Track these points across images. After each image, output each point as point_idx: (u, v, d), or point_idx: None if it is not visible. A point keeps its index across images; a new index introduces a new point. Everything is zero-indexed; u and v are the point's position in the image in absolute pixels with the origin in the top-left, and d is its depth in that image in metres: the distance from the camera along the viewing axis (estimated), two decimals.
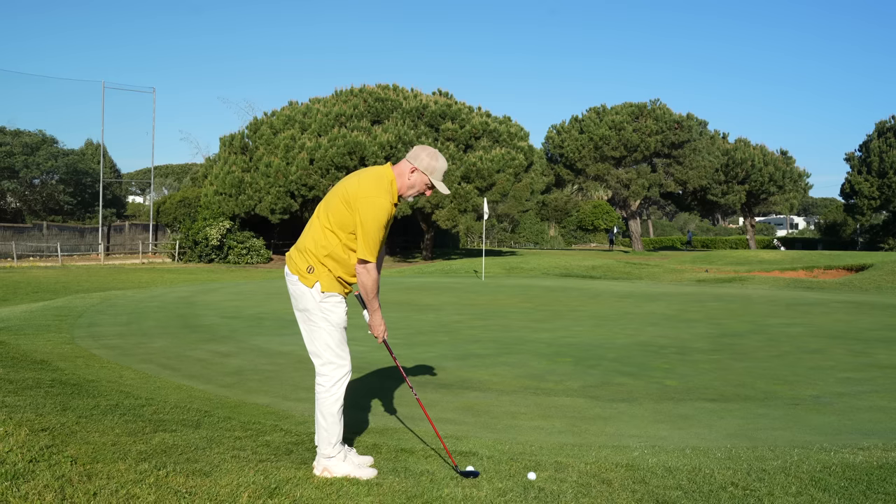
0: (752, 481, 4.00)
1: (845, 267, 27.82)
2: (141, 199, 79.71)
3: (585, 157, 49.75)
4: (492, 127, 36.82)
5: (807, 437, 5.02)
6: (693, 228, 64.15)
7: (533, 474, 4.02)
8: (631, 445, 4.76)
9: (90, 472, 3.73)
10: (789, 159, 56.91)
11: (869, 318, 13.01)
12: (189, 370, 7.36)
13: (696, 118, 50.83)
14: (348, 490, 3.72)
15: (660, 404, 6.10)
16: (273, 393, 6.32)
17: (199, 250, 36.42)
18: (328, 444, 3.99)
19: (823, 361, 8.33)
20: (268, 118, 38.09)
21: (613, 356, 8.56)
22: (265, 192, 35.11)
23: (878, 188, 50.00)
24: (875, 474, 4.11)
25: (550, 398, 6.29)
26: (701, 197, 56.49)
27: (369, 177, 4.00)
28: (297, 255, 4.05)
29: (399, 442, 4.71)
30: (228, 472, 3.87)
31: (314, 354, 4.05)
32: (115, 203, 56.72)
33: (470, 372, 7.46)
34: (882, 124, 51.85)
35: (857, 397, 6.44)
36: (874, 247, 54.46)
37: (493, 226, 65.41)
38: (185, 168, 77.30)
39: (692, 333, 10.70)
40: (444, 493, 3.72)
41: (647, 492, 3.82)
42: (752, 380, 7.21)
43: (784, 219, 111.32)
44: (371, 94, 36.39)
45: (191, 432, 4.71)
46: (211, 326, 10.93)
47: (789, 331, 11.09)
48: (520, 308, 14.36)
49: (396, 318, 11.98)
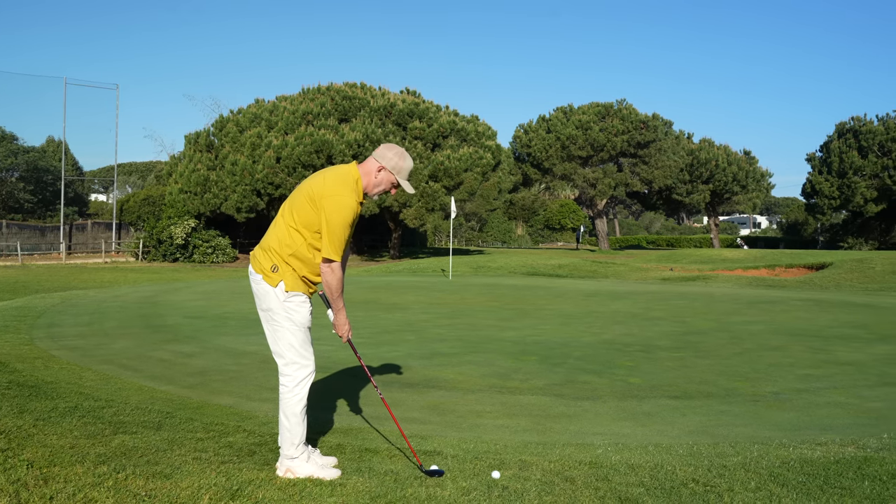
0: (713, 477, 4.05)
1: (806, 265, 28.33)
2: (104, 198, 78.45)
3: (552, 157, 50.04)
4: (459, 126, 36.85)
5: (766, 434, 5.10)
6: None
7: (497, 473, 4.03)
8: (594, 443, 4.79)
9: (47, 475, 3.66)
10: (752, 159, 57.78)
11: (828, 316, 13.25)
12: (151, 371, 7.26)
13: (662, 118, 51.40)
14: (311, 491, 3.70)
15: (624, 402, 6.16)
16: (237, 393, 6.26)
17: (164, 249, 35.96)
18: (291, 445, 3.96)
19: (784, 358, 8.47)
20: (234, 116, 37.71)
21: (579, 354, 8.62)
22: (231, 190, 34.78)
23: (838, 188, 50.93)
24: (832, 469, 4.19)
25: (516, 397, 6.31)
26: (666, 196, 57.15)
27: (335, 175, 3.97)
28: (261, 254, 4.01)
29: (363, 442, 4.69)
30: (189, 475, 3.82)
31: (277, 354, 4.02)
32: (77, 201, 55.76)
33: (436, 371, 7.46)
34: (842, 125, 52.84)
35: (815, 394, 6.55)
36: (834, 245, 55.51)
37: (460, 225, 65.54)
38: (150, 166, 76.23)
39: (656, 331, 10.81)
40: (408, 492, 3.71)
41: (609, 489, 3.85)
42: (715, 377, 7.30)
43: (747, 218, 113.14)
44: (338, 93, 36.22)
45: (152, 434, 4.65)
46: (174, 326, 10.79)
47: (751, 328, 11.26)
48: (486, 307, 14.40)
49: (363, 318, 11.94)
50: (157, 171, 61.15)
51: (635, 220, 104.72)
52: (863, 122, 51.43)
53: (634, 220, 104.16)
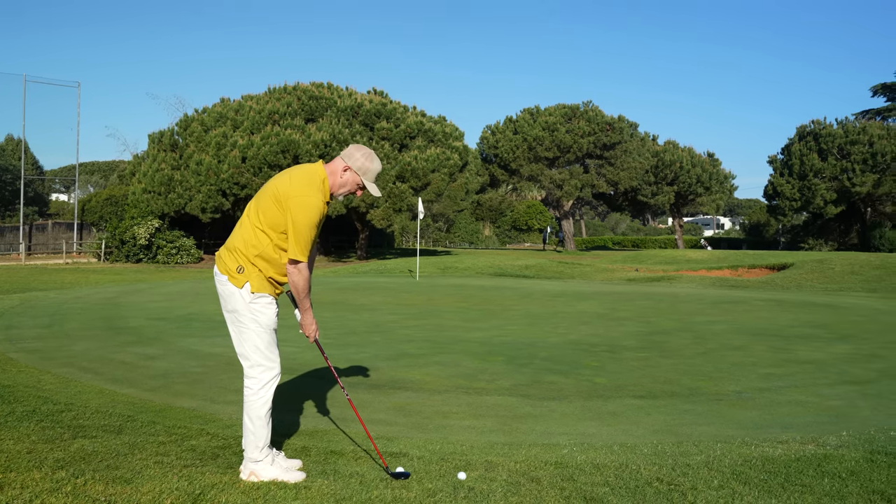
0: (677, 476, 4.09)
1: (768, 266, 28.79)
2: (65, 197, 77.12)
3: (519, 158, 50.22)
4: (427, 126, 36.82)
5: (729, 432, 5.16)
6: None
7: (463, 474, 4.03)
8: (560, 443, 4.81)
9: (2, 481, 3.58)
10: (716, 161, 58.54)
11: (789, 316, 13.48)
12: (113, 374, 7.13)
13: (628, 120, 51.84)
14: (276, 494, 3.66)
15: (589, 402, 6.19)
16: (200, 396, 6.17)
17: (127, 250, 35.40)
18: (256, 448, 3.92)
19: (746, 358, 8.59)
20: (199, 115, 37.26)
21: (545, 355, 8.65)
22: (196, 190, 34.36)
23: (799, 190, 51.80)
24: (793, 467, 4.25)
25: (482, 397, 6.31)
26: (632, 197, 57.70)
27: (301, 175, 3.93)
28: (226, 254, 3.96)
29: (329, 444, 4.66)
30: (151, 479, 3.76)
31: (243, 356, 3.97)
32: (37, 201, 54.69)
33: (402, 372, 7.44)
34: (803, 128, 53.75)
35: (777, 392, 6.65)
36: (795, 246, 56.48)
37: (428, 225, 65.49)
38: (112, 165, 75.05)
39: (622, 332, 10.90)
40: (374, 494, 3.69)
41: (575, 489, 3.87)
42: (679, 376, 7.38)
43: (711, 219, 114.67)
44: (305, 92, 35.97)
45: (112, 438, 4.57)
46: (137, 328, 10.62)
47: (714, 328, 11.40)
48: (454, 307, 14.40)
49: (329, 318, 11.87)
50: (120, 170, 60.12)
51: (601, 221, 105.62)
52: (823, 125, 52.39)
53: (601, 222, 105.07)
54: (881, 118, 58.05)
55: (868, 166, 48.68)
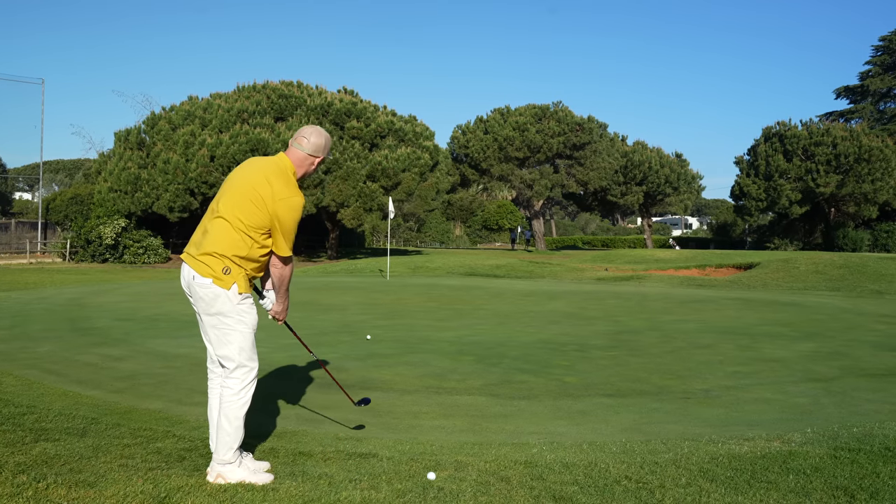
0: (645, 474, 4.11)
1: (735, 265, 29.16)
2: (29, 196, 75.72)
3: (490, 158, 50.29)
4: (397, 126, 36.74)
5: (697, 430, 5.21)
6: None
7: (433, 474, 4.02)
8: (530, 442, 4.82)
9: None
10: (684, 162, 59.15)
11: (755, 314, 13.65)
12: (77, 375, 7.01)
13: (597, 121, 52.13)
14: (243, 496, 3.62)
15: (559, 401, 6.21)
16: (167, 397, 6.10)
17: (93, 250, 34.86)
18: (229, 450, 3.88)
19: (713, 356, 8.68)
20: (166, 113, 36.79)
21: (515, 354, 8.67)
22: (163, 189, 33.93)
23: (765, 190, 52.50)
24: (759, 464, 4.30)
25: (452, 397, 6.31)
26: (601, 197, 58.05)
27: (277, 175, 3.94)
28: (206, 258, 3.88)
29: (297, 445, 4.62)
30: (115, 482, 3.70)
31: (226, 358, 3.93)
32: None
33: (372, 372, 7.41)
34: (768, 130, 54.49)
35: (743, 390, 6.73)
36: (761, 246, 57.24)
37: (398, 225, 65.37)
38: (78, 164, 73.81)
39: (591, 331, 10.96)
40: (343, 496, 3.66)
41: (544, 488, 3.87)
42: (647, 375, 7.44)
43: (679, 219, 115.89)
44: (274, 91, 35.70)
45: (75, 441, 4.49)
46: (103, 329, 10.46)
47: (682, 327, 11.52)
48: (424, 307, 14.38)
49: (300, 318, 11.78)
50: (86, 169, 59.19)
51: (571, 220, 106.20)
52: (788, 126, 53.16)
53: (571, 221, 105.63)
54: (844, 120, 59.18)
55: (832, 167, 49.49)
